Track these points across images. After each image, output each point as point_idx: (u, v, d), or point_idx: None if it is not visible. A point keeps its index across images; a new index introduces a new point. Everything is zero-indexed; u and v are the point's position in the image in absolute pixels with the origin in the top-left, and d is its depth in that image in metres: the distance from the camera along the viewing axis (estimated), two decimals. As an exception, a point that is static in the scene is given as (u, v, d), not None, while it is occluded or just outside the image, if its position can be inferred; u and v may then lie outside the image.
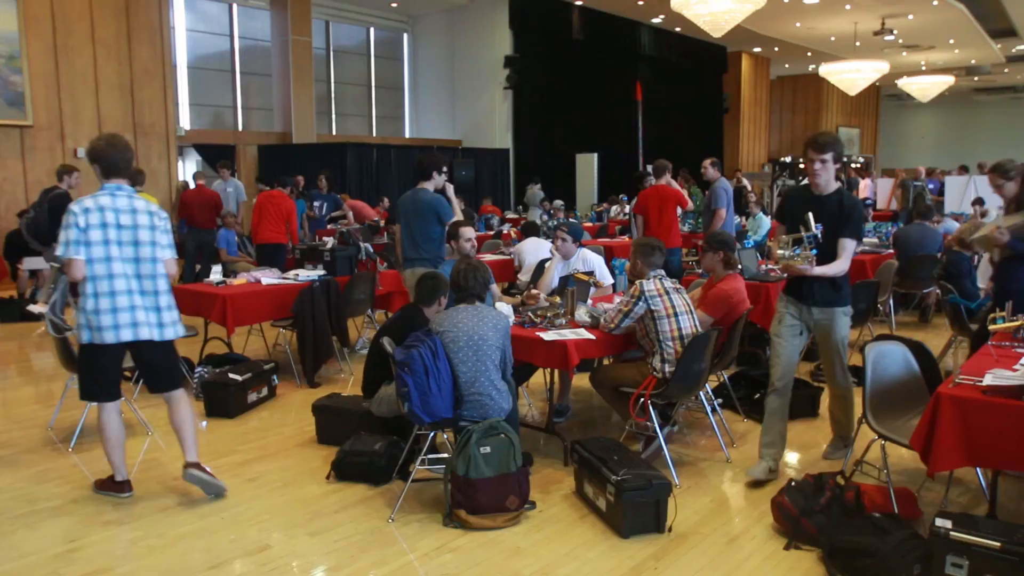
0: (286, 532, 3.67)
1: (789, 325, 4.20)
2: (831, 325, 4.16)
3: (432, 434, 3.95)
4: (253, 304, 6.08)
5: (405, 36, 18.56)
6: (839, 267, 4.03)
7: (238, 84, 15.64)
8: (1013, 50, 21.12)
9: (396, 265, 7.92)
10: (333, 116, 17.39)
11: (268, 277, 6.46)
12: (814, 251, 3.89)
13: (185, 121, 14.61)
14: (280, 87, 15.26)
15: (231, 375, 5.45)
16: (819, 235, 3.91)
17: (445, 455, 3.93)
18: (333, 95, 17.34)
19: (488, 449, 3.65)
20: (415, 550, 3.49)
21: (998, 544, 2.92)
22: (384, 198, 13.51)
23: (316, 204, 11.13)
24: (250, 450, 4.75)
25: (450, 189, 5.87)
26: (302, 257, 7.00)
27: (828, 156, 3.97)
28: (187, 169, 15.00)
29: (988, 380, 3.27)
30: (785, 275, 4.19)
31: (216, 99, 15.52)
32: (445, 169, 5.81)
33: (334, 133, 17.21)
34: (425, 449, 3.93)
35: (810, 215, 3.90)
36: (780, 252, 3.97)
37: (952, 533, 3.01)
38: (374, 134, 18.05)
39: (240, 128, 15.64)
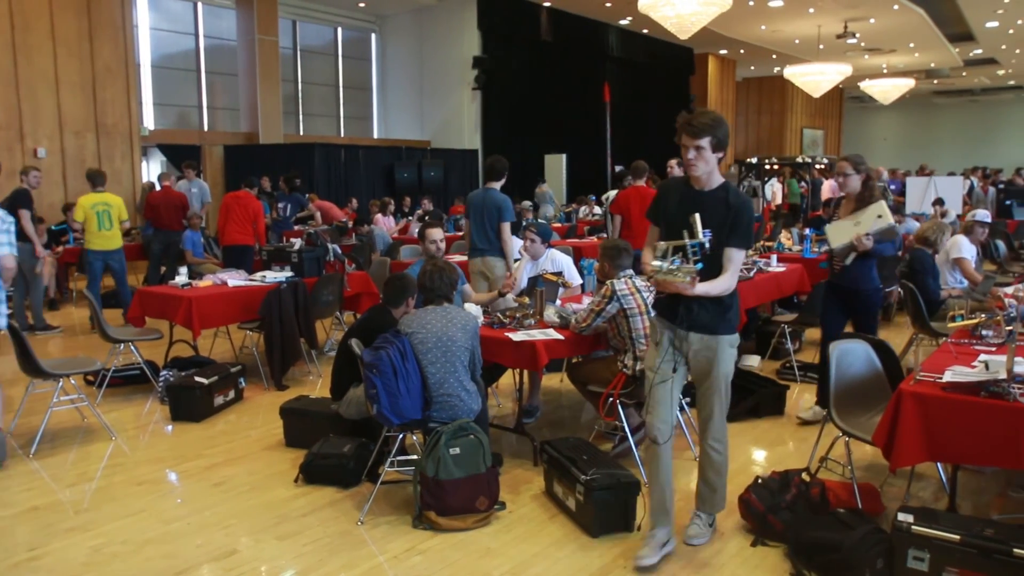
0: (254, 536, 3.63)
1: (665, 358, 3.35)
2: (713, 358, 3.32)
3: (401, 436, 3.94)
4: (219, 306, 6.02)
5: (373, 36, 18.46)
6: (725, 284, 3.25)
7: (203, 84, 15.46)
8: (970, 54, 21.59)
9: (364, 266, 7.89)
10: (300, 116, 17.25)
11: (234, 279, 6.40)
12: (699, 264, 3.10)
13: (149, 121, 14.40)
14: (246, 87, 15.10)
15: (197, 378, 5.39)
16: (707, 243, 3.14)
17: (414, 456, 3.92)
18: (300, 95, 17.20)
19: (458, 450, 3.65)
20: (385, 552, 3.48)
21: (957, 537, 2.99)
22: (352, 199, 13.43)
23: (280, 205, 11.03)
24: (217, 454, 4.70)
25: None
26: (269, 259, 6.93)
27: (704, 142, 3.17)
28: (151, 170, 14.79)
29: (948, 377, 3.34)
30: (658, 293, 3.41)
31: (181, 99, 15.32)
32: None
33: (301, 133, 17.08)
34: (394, 451, 3.92)
35: (697, 217, 3.11)
36: (655, 264, 3.10)
37: (914, 527, 3.08)
38: (342, 134, 17.94)
39: (206, 128, 15.45)
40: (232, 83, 15.47)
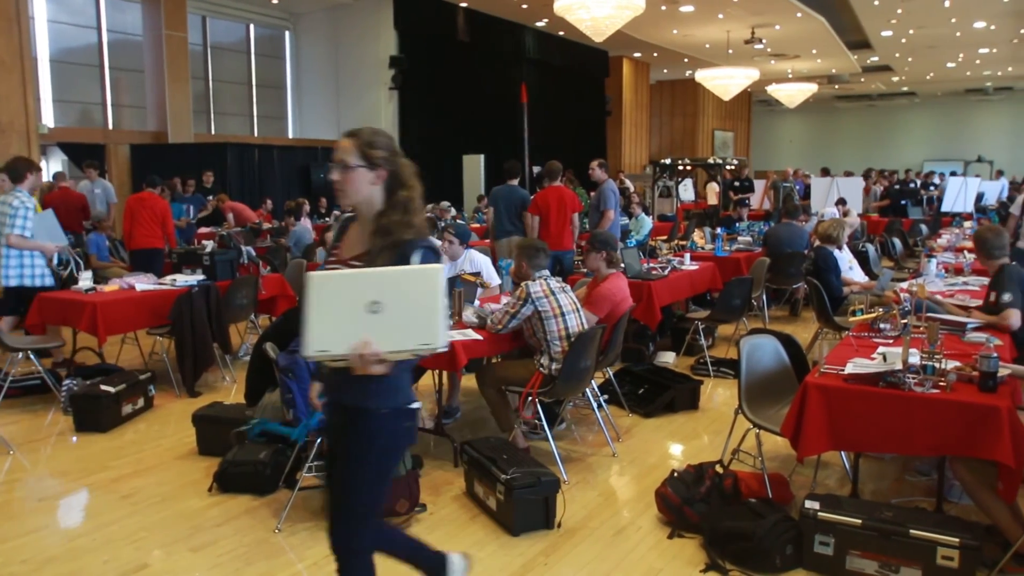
0: (165, 549, 3.51)
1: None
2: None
3: (319, 440, 3.87)
4: (126, 311, 5.80)
5: (287, 34, 18.08)
6: None
7: (107, 80, 14.83)
8: (868, 61, 22.61)
9: (280, 269, 7.72)
10: (212, 115, 16.74)
11: (142, 283, 6.17)
12: None
13: (48, 118, 13.72)
14: (154, 84, 14.56)
15: (103, 386, 5.17)
16: None
17: (333, 461, 3.86)
18: (212, 93, 16.70)
19: (377, 453, 3.61)
20: (303, 559, 3.42)
21: (859, 521, 3.14)
22: (267, 199, 13.12)
23: (183, 207, 10.67)
24: (125, 465, 4.52)
25: None
26: (180, 261, 6.71)
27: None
28: (51, 169, 14.10)
29: (849, 369, 3.50)
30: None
31: (83, 95, 14.65)
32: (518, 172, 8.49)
33: (213, 132, 16.58)
34: (312, 456, 3.85)
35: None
36: None
37: (820, 513, 3.22)
38: (256, 134, 17.49)
39: (110, 126, 14.83)
40: (138, 80, 14.89)
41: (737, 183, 15.10)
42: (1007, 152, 28.79)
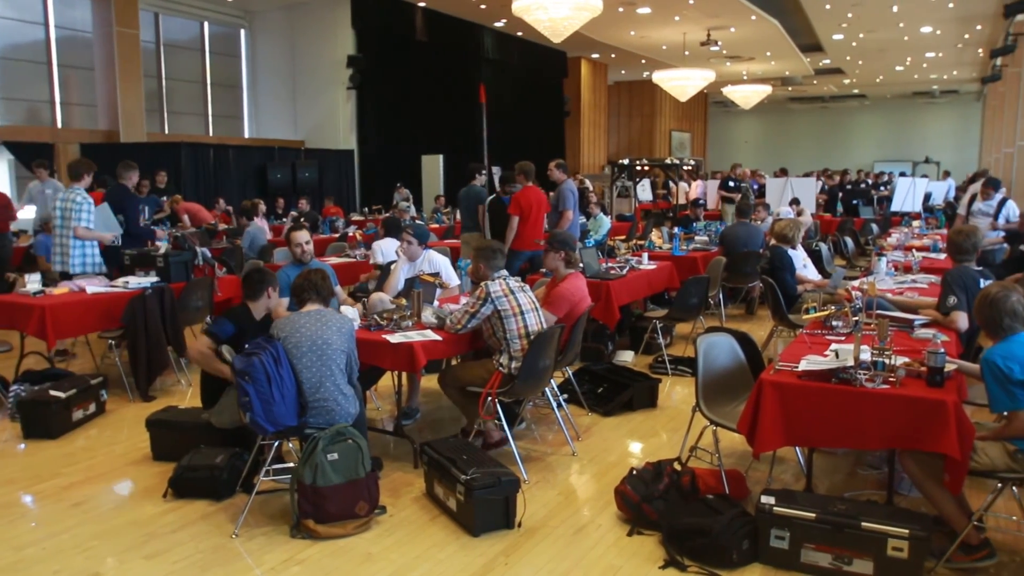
0: (119, 557, 3.44)
1: None
2: None
3: (277, 443, 3.83)
4: (76, 314, 5.65)
5: (242, 32, 17.82)
6: None
7: (55, 77, 14.46)
8: (820, 64, 23.06)
9: (236, 270, 7.61)
10: (165, 114, 16.42)
11: (93, 285, 6.03)
12: None
13: (-7, 116, 13.35)
14: (104, 82, 14.24)
15: (52, 392, 5.05)
16: None
17: (291, 464, 3.82)
18: (165, 92, 16.39)
19: (336, 456, 3.59)
20: (261, 564, 3.38)
21: (813, 515, 3.20)
22: (220, 199, 12.91)
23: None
24: (76, 472, 4.42)
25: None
26: (133, 263, 6.58)
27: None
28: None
29: (803, 366, 3.57)
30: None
31: (30, 93, 14.27)
32: (484, 172, 9.23)
33: (167, 132, 16.27)
34: (270, 459, 3.81)
35: None
36: None
37: (775, 508, 3.28)
38: (211, 133, 17.22)
39: (59, 125, 14.46)
40: (88, 77, 14.55)
41: (732, 183, 15.17)
42: (953, 153, 29.60)
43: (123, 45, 14.08)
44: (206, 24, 17.14)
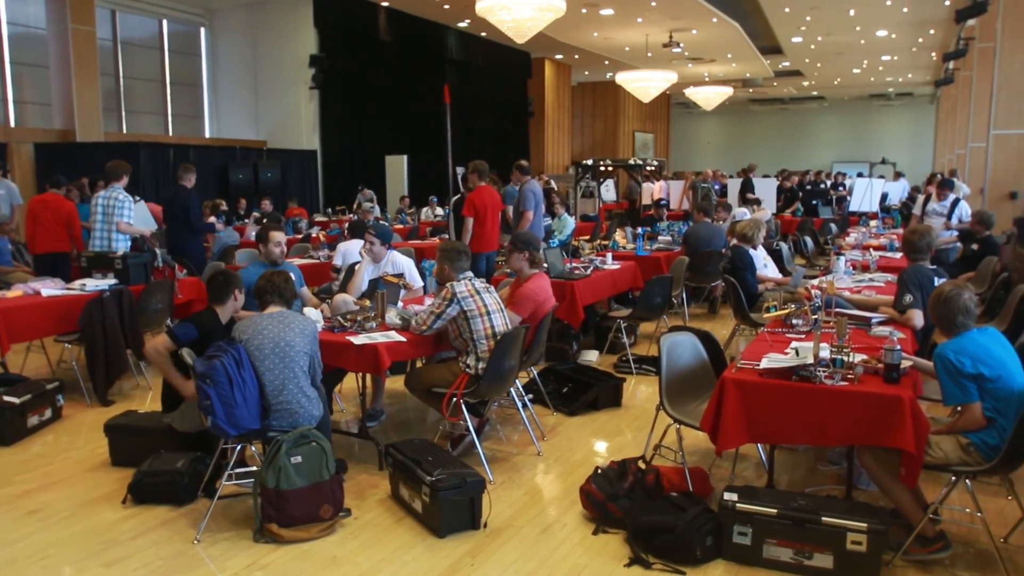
0: (76, 566, 3.38)
1: None
2: None
3: (239, 447, 3.79)
4: (31, 318, 5.53)
5: (202, 30, 17.56)
6: None
7: (8, 75, 14.11)
8: (780, 66, 23.43)
9: (197, 271, 7.49)
10: (123, 113, 16.12)
11: (49, 288, 5.90)
12: None
13: (-57, 115, 13.00)
14: (59, 80, 13.93)
15: (6, 397, 4.92)
16: None
17: (254, 468, 3.78)
18: (123, 90, 16.08)
19: (299, 459, 3.55)
20: (224, 570, 3.33)
21: (775, 511, 3.25)
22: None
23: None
24: (31, 479, 4.32)
25: None
26: (90, 265, 6.45)
27: None
28: (-53, 169, 13.33)
29: (764, 364, 3.62)
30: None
31: (-19, 92, 13.92)
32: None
33: (125, 131, 15.96)
34: (232, 463, 3.76)
35: None
36: None
37: (738, 505, 3.32)
38: (170, 133, 16.94)
39: (12, 124, 14.12)
40: (43, 75, 14.22)
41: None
42: (908, 154, 30.27)
43: (79, 42, 13.78)
44: (165, 22, 16.87)
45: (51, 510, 3.93)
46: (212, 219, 9.79)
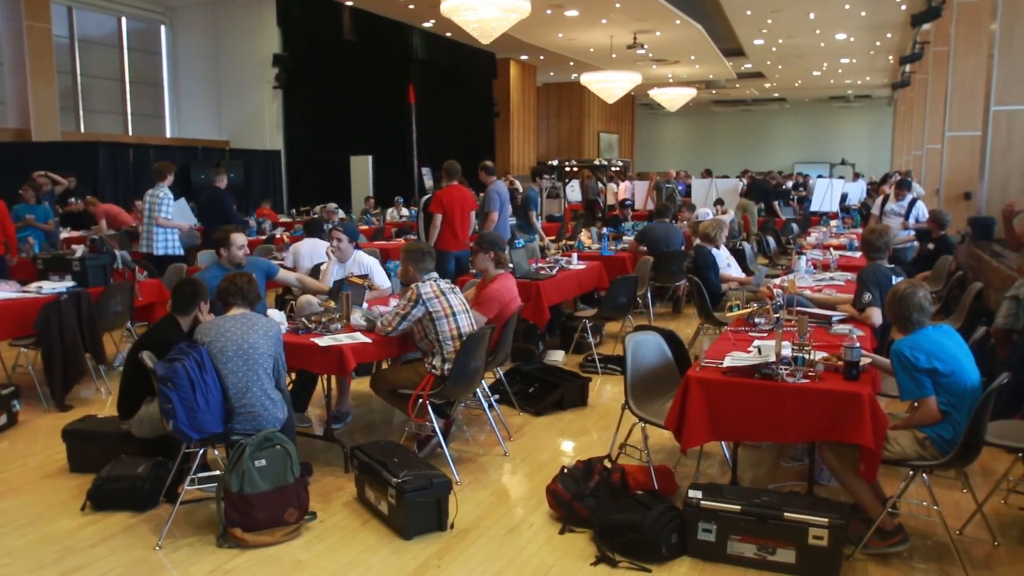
0: (34, 575, 3.30)
1: None
2: None
3: (202, 451, 3.74)
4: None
5: (163, 28, 17.28)
6: None
7: (-41, 73, 13.77)
8: (742, 68, 23.73)
9: (157, 273, 7.38)
10: (81, 112, 15.80)
11: (3, 291, 5.77)
12: None
13: None
14: (14, 78, 13.62)
15: (-41, 404, 4.81)
16: None
17: (217, 472, 3.73)
18: (80, 89, 15.77)
19: (263, 462, 3.52)
20: (186, 576, 3.29)
21: (739, 507, 3.30)
22: (138, 201, 12.48)
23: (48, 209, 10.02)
24: (-14, 486, 4.22)
25: None
26: (46, 267, 6.31)
27: None
28: None
29: (727, 362, 3.67)
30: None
31: (-68, 90, 13.56)
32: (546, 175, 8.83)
33: (83, 131, 15.65)
34: (195, 468, 3.71)
35: None
36: None
37: (702, 502, 3.36)
38: (130, 133, 16.65)
39: (-36, 123, 13.79)
40: (-4, 74, 13.91)
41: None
42: (867, 155, 30.85)
43: (34, 40, 13.49)
44: (123, 19, 16.57)
45: (7, 518, 3.84)
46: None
